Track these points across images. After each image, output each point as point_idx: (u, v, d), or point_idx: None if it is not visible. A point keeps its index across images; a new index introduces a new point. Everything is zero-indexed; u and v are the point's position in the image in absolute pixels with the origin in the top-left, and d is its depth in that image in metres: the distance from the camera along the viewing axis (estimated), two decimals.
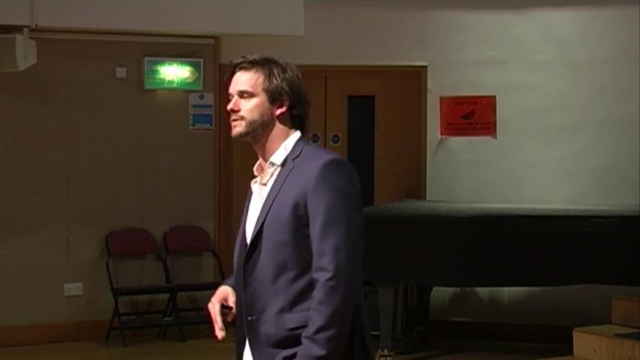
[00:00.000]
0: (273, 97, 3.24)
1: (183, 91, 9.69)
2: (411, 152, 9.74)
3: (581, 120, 9.37)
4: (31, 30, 8.63)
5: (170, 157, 9.68)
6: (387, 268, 7.90)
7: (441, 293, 9.43)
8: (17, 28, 8.56)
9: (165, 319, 9.47)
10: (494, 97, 9.49)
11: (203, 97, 9.77)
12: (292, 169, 3.20)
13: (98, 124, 9.42)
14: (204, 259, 9.80)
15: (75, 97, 9.37)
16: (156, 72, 9.54)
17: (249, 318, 3.31)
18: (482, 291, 9.41)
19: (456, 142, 9.58)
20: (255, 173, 3.34)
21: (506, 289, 9.17)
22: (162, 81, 9.58)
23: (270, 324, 3.23)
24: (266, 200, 3.24)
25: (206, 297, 10.88)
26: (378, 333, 8.21)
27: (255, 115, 3.27)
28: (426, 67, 9.61)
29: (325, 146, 9.92)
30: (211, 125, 9.82)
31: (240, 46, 9.76)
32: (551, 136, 9.43)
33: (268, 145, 3.28)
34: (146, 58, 9.50)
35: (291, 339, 3.16)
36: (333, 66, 9.76)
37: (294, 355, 3.13)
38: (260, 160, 3.33)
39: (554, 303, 9.17)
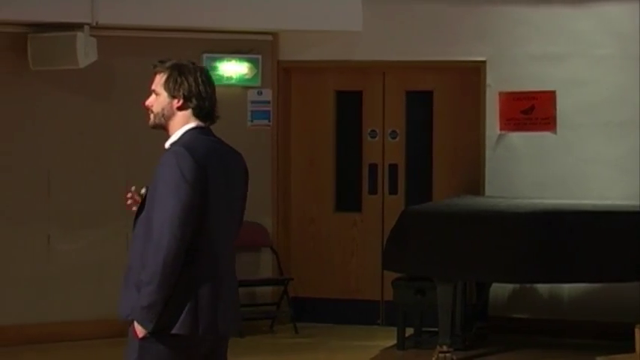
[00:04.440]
0: (172, 94, 4.06)
1: (242, 87, 9.71)
2: (470, 148, 9.68)
3: None
4: (92, 27, 8.71)
5: None
6: (445, 264, 7.86)
7: (500, 289, 9.37)
8: (78, 26, 8.65)
9: None
10: (554, 91, 9.40)
11: (261, 93, 9.79)
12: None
13: None
14: (262, 254, 9.82)
15: (134, 94, 9.40)
16: (214, 68, 9.57)
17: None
18: (542, 287, 9.33)
19: (516, 137, 9.51)
20: None
21: (566, 285, 9.08)
22: (221, 77, 9.61)
23: (132, 278, 3.96)
24: None
25: (265, 293, 10.94)
26: (436, 329, 8.19)
27: (159, 109, 4.11)
28: (484, 62, 9.54)
29: (383, 142, 9.92)
30: (269, 121, 9.83)
31: (298, 42, 9.78)
32: (611, 130, 9.32)
33: (170, 132, 4.10)
34: (205, 55, 9.53)
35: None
36: (391, 61, 9.72)
37: None
38: None
39: (616, 299, 9.06)
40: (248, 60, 9.68)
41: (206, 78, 4.12)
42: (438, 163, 9.83)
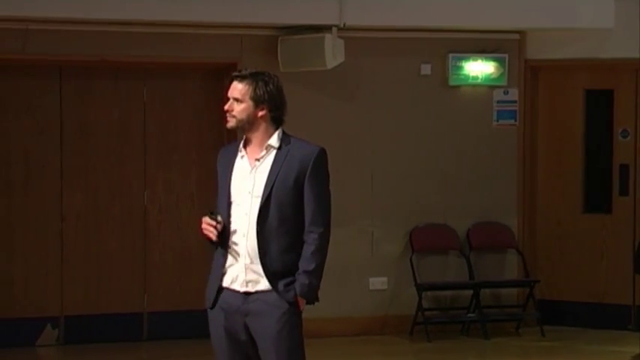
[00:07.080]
0: (257, 104, 4.58)
1: (488, 86, 9.64)
2: None
3: None
4: (340, 29, 8.85)
5: (473, 152, 9.65)
6: None
7: None
8: (326, 28, 8.81)
9: (469, 315, 9.46)
10: None
11: (507, 92, 9.68)
12: (288, 152, 4.60)
13: (402, 121, 9.53)
14: (507, 256, 9.71)
15: (379, 95, 9.52)
16: (460, 68, 9.54)
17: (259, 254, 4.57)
18: None
19: None
20: (242, 152, 4.64)
21: None
22: (467, 77, 9.57)
23: (273, 260, 4.54)
24: (271, 171, 4.57)
25: (510, 294, 10.80)
26: None
27: (243, 116, 4.59)
28: None
29: (636, 142, 9.64)
30: (515, 121, 9.71)
31: (546, 40, 9.62)
32: None
33: (254, 134, 4.61)
34: (450, 55, 9.51)
35: (288, 271, 4.56)
36: None
37: (292, 282, 4.56)
38: (242, 142, 4.66)
39: None
40: (494, 59, 9.59)
41: (280, 86, 4.67)
42: None
